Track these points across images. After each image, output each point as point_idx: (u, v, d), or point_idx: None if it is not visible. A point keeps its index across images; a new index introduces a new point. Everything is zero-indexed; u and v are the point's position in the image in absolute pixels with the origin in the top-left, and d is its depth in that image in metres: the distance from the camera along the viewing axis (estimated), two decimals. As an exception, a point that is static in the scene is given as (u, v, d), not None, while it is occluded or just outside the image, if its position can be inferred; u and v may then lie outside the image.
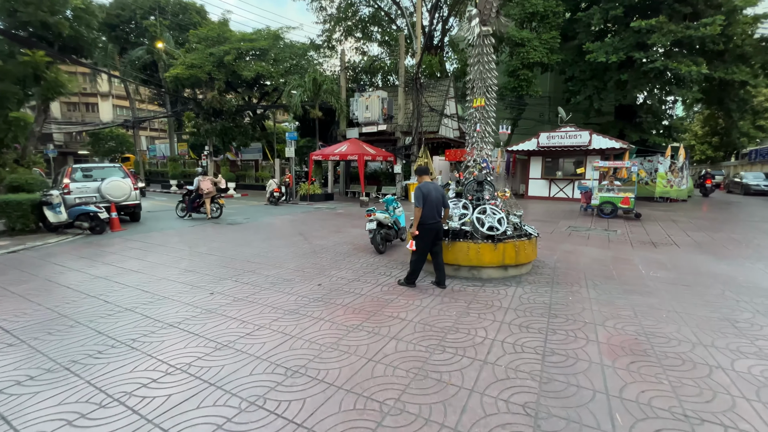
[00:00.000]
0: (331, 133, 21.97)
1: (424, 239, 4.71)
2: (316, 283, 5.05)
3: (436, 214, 4.67)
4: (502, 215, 5.31)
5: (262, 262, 6.20)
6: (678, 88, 16.51)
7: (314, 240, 8.21)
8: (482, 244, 5.16)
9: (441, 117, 19.39)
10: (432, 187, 4.70)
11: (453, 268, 5.38)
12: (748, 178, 22.90)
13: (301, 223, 10.88)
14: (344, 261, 6.31)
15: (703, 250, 7.31)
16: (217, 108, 21.58)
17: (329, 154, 17.39)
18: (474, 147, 5.95)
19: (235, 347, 3.21)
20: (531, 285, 5.00)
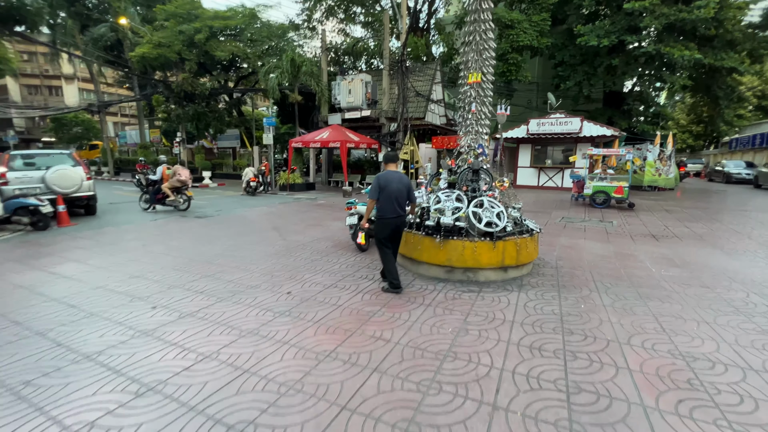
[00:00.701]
0: (312, 119, 20.85)
1: (381, 233, 4.24)
2: (285, 291, 4.27)
3: (397, 208, 4.15)
4: (501, 209, 4.61)
5: (225, 264, 5.35)
6: (669, 74, 16.12)
7: (290, 235, 7.38)
8: (479, 243, 4.46)
9: (427, 102, 18.56)
10: (394, 178, 4.18)
11: (445, 270, 4.68)
12: (730, 167, 23.03)
13: (278, 216, 9.99)
14: (321, 261, 5.53)
15: (707, 243, 6.86)
16: (189, 91, 20.09)
17: (309, 141, 16.38)
18: (468, 130, 5.20)
19: (163, 392, 2.41)
20: (535, 289, 4.35)
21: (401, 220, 4.24)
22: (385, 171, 4.28)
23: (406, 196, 4.22)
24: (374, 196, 4.17)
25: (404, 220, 4.29)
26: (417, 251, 4.79)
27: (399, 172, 4.31)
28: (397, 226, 4.24)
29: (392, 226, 4.19)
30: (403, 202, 4.20)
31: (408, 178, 4.40)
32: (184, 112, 20.34)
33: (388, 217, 4.16)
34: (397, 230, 4.29)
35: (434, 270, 4.74)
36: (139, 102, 26.69)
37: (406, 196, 4.23)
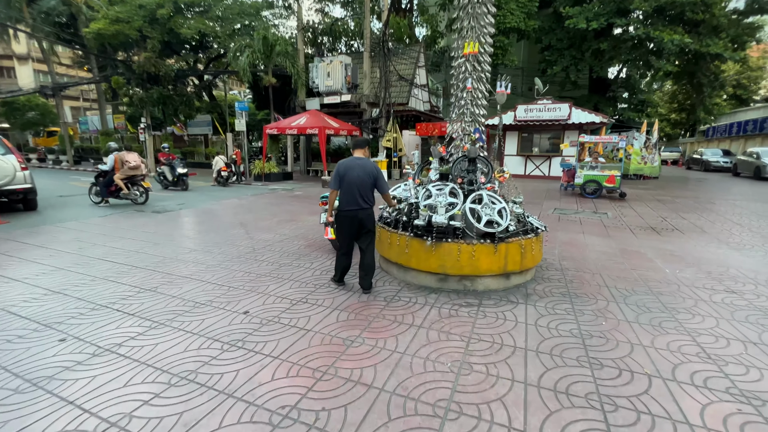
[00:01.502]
0: (288, 104, 19.60)
1: (340, 230, 3.82)
2: (242, 310, 3.44)
3: (358, 199, 3.69)
4: (503, 205, 3.89)
5: (173, 273, 4.45)
6: (656, 59, 15.76)
7: (258, 233, 6.49)
8: (478, 245, 3.74)
9: (411, 87, 17.64)
10: (357, 164, 3.74)
11: (438, 278, 3.95)
12: (708, 155, 23.26)
13: (248, 210, 9.02)
14: (291, 267, 4.70)
15: (711, 237, 6.40)
16: (152, 73, 18.43)
17: (285, 128, 15.25)
18: (463, 112, 4.42)
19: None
20: (544, 300, 3.68)
21: (365, 213, 3.73)
22: (348, 158, 3.82)
23: (371, 186, 3.74)
24: (334, 185, 3.74)
25: (369, 213, 3.76)
26: (404, 256, 4.03)
27: (364, 159, 3.83)
28: (360, 220, 3.72)
29: (352, 220, 3.70)
30: (366, 192, 3.72)
31: (374, 165, 3.80)
32: (148, 96, 18.69)
33: (347, 210, 3.70)
34: (361, 225, 3.74)
35: (425, 278, 4.01)
36: (99, 85, 24.58)
37: (371, 187, 3.75)
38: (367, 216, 3.75)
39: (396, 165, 16.42)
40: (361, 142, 3.95)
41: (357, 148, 3.91)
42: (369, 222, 3.80)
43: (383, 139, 15.94)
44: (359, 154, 3.88)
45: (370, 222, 3.82)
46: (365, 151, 3.94)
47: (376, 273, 4.45)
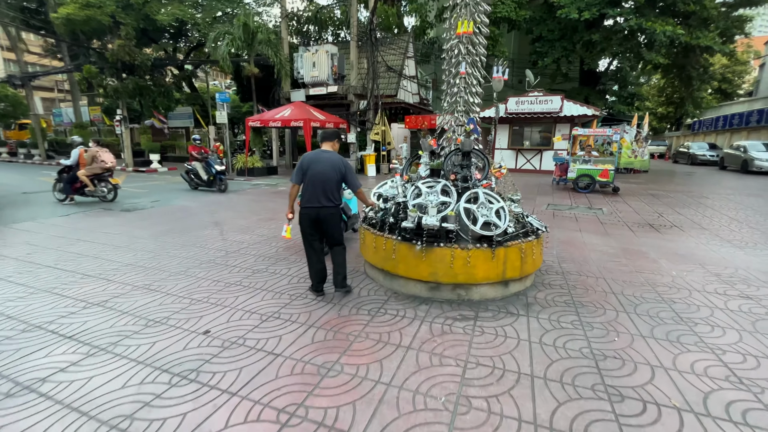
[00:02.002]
0: (273, 96, 18.84)
1: (302, 229, 3.49)
2: (202, 330, 2.96)
3: (321, 196, 3.37)
4: (501, 204, 3.47)
5: (132, 281, 3.93)
6: (648, 51, 15.55)
7: (233, 234, 5.96)
8: (474, 251, 3.31)
9: (399, 78, 17.12)
10: (321, 158, 3.43)
11: (429, 287, 3.52)
12: (694, 149, 23.37)
13: (226, 207, 8.45)
14: (266, 274, 4.22)
15: (712, 234, 6.14)
16: (127, 61, 17.44)
17: (269, 120, 14.58)
18: (456, 100, 3.97)
19: None
20: (547, 311, 3.29)
21: (327, 212, 3.40)
22: (314, 150, 3.52)
23: (337, 183, 3.42)
24: (295, 179, 3.44)
25: (331, 213, 3.43)
26: (391, 262, 3.59)
27: (331, 153, 3.50)
28: (321, 220, 3.41)
29: (312, 218, 3.40)
30: (331, 190, 3.39)
31: (343, 160, 3.44)
32: (123, 86, 17.72)
33: (307, 207, 3.38)
34: (323, 224, 3.43)
35: (414, 286, 3.57)
36: (72, 75, 23.32)
37: (337, 184, 3.42)
38: (329, 215, 3.39)
39: (385, 159, 15.93)
40: (330, 134, 3.56)
41: (325, 141, 3.53)
42: (332, 222, 3.43)
43: (371, 132, 15.42)
44: (327, 147, 3.53)
45: (334, 223, 3.45)
46: (334, 144, 3.56)
47: (360, 280, 4.01)
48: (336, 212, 3.45)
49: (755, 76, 34.43)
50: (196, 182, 11.11)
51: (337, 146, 3.58)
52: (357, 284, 3.90)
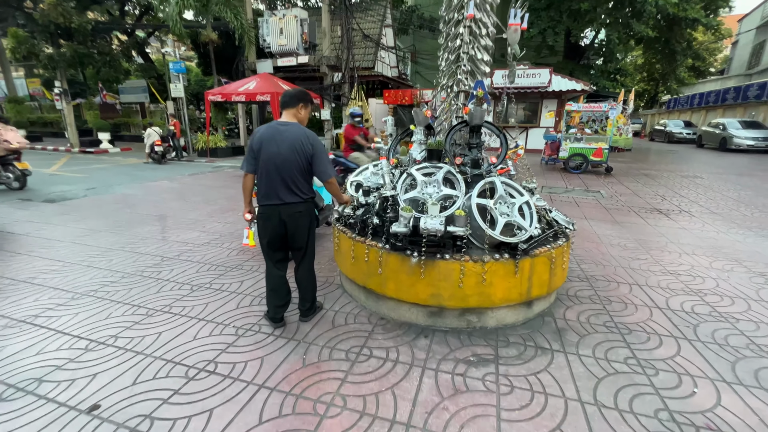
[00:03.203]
0: (236, 67, 17.00)
1: (260, 232, 2.52)
2: (88, 402, 1.92)
3: (280, 189, 2.40)
4: (526, 198, 2.54)
5: (7, 314, 2.79)
6: (636, 22, 14.81)
7: (179, 231, 4.81)
8: (492, 264, 2.39)
9: (377, 48, 15.71)
10: (280, 134, 2.38)
11: (429, 312, 2.60)
12: (671, 126, 23.40)
13: (178, 195, 7.18)
14: (208, 292, 3.17)
15: (727, 220, 5.57)
16: (62, 24, 15.08)
17: (231, 94, 12.97)
18: (460, 57, 2.94)
19: None
20: (588, 343, 2.45)
21: (291, 211, 2.42)
22: (270, 123, 2.45)
23: (302, 168, 2.39)
24: (246, 166, 2.45)
25: (299, 212, 2.44)
26: (376, 278, 2.63)
27: (294, 125, 2.42)
28: (283, 222, 2.42)
29: (272, 221, 2.42)
30: (294, 178, 2.39)
31: (310, 136, 2.43)
32: (59, 54, 15.41)
33: (265, 205, 2.43)
34: (287, 229, 2.45)
35: (408, 311, 2.64)
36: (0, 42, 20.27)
37: (302, 169, 2.40)
38: (293, 216, 2.41)
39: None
40: (292, 96, 2.46)
41: (286, 108, 2.46)
42: (299, 225, 2.45)
43: (347, 108, 14.11)
44: (288, 117, 2.46)
45: (301, 225, 2.47)
46: (299, 111, 2.47)
47: (336, 297, 3.04)
48: (304, 211, 2.46)
49: (726, 54, 34.87)
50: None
51: (305, 114, 2.51)
52: (330, 304, 2.93)
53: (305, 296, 2.64)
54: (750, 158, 14.03)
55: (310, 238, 2.57)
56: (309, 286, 2.65)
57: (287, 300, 2.64)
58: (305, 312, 2.66)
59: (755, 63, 24.79)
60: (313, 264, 2.67)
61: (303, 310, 2.66)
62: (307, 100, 2.49)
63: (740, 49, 28.02)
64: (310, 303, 2.67)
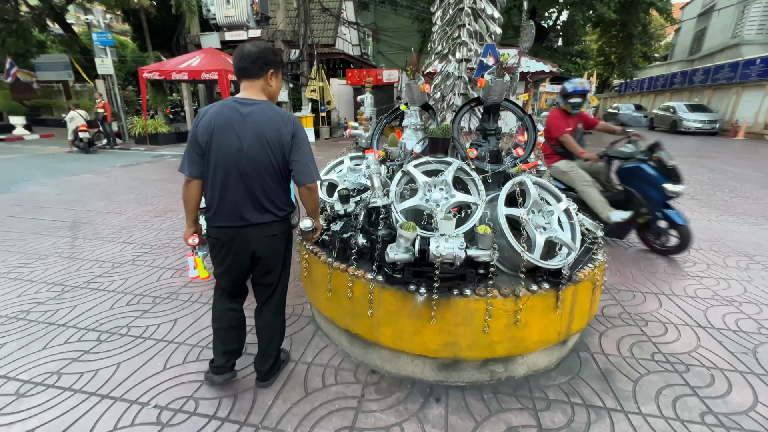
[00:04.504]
0: (177, 41, 15.02)
1: (215, 263, 1.74)
2: None
3: (245, 203, 1.59)
4: (567, 204, 1.88)
5: None
6: (600, 3, 14.75)
7: (95, 244, 3.73)
8: (528, 298, 1.72)
9: (337, 23, 14.46)
10: (242, 116, 1.54)
11: (438, 365, 1.89)
12: (624, 110, 24.31)
13: (102, 193, 5.90)
14: (121, 341, 2.25)
15: (711, 206, 5.41)
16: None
17: (171, 71, 11.30)
18: (463, 14, 2.17)
19: None
20: (645, 392, 1.87)
21: (263, 235, 1.66)
22: (223, 101, 1.58)
23: (275, 170, 1.61)
24: (189, 168, 1.60)
25: (273, 235, 1.68)
26: (365, 322, 1.88)
27: (264, 105, 1.58)
28: (251, 251, 1.67)
29: (235, 249, 1.66)
30: (266, 187, 1.61)
31: (288, 121, 1.58)
32: (-53, 19, 12.67)
33: (219, 227, 1.64)
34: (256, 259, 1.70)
35: (410, 363, 1.92)
36: None
37: (275, 172, 1.61)
38: (267, 241, 1.67)
39: (325, 122, 13.62)
40: (256, 59, 1.57)
41: (248, 76, 1.59)
42: (274, 253, 1.72)
43: (307, 89, 12.90)
44: (253, 91, 1.61)
45: (277, 253, 1.74)
46: (268, 82, 1.63)
47: (307, 339, 2.25)
48: (280, 234, 1.70)
49: (669, 41, 36.83)
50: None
51: (277, 86, 1.67)
52: (300, 352, 2.14)
53: (267, 350, 1.84)
54: (699, 140, 14.66)
55: (285, 271, 1.81)
56: (276, 335, 1.87)
57: (242, 343, 1.89)
58: (266, 374, 1.86)
59: (696, 49, 26.17)
60: (284, 305, 1.90)
61: (263, 371, 1.85)
62: (278, 63, 1.64)
63: (683, 35, 29.50)
64: (274, 359, 1.87)
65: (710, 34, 23.99)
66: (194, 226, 1.75)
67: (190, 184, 1.61)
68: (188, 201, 1.66)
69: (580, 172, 3.54)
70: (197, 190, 1.63)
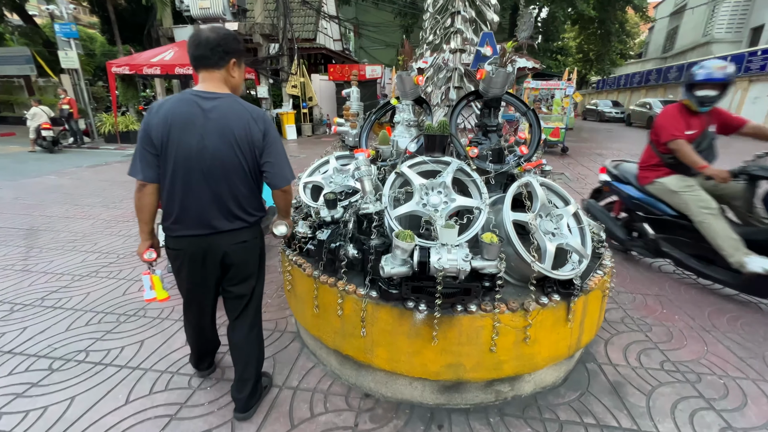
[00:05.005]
0: (148, 34, 14.33)
1: (179, 278, 1.55)
2: None
3: (210, 209, 1.40)
4: (575, 207, 1.72)
5: None
6: (579, 0, 14.88)
7: (53, 254, 3.38)
8: (539, 312, 1.55)
9: (318, 17, 14.08)
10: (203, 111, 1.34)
11: (439, 387, 1.71)
12: (602, 106, 24.83)
13: (65, 197, 5.46)
14: (82, 367, 1.98)
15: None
16: None
17: (143, 65, 10.74)
18: None
19: None
20: (661, 406, 1.75)
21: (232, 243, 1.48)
22: (178, 95, 1.37)
23: (246, 174, 1.43)
24: (143, 172, 1.38)
25: (243, 242, 1.50)
26: (357, 342, 1.67)
27: (228, 99, 1.39)
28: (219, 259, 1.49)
29: (200, 260, 1.47)
30: (235, 190, 1.43)
31: (257, 117, 1.40)
32: None
33: (182, 237, 1.45)
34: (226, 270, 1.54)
35: (410, 385, 1.73)
36: None
37: (246, 176, 1.44)
38: (238, 249, 1.51)
39: (307, 118, 13.25)
40: (215, 47, 1.37)
41: (206, 67, 1.40)
42: (246, 262, 1.56)
43: (287, 85, 12.51)
44: (213, 84, 1.41)
45: (250, 263, 1.58)
46: (230, 73, 1.45)
47: (292, 358, 2.03)
48: (251, 240, 1.53)
49: (643, 39, 37.89)
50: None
51: (240, 77, 1.49)
52: (285, 374, 1.92)
53: (244, 374, 1.63)
54: (676, 136, 15.04)
55: (259, 281, 1.64)
56: (252, 355, 1.66)
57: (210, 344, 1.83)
58: (245, 403, 1.63)
59: (669, 47, 26.97)
60: (260, 319, 1.71)
61: (241, 399, 1.63)
62: (241, 52, 1.45)
63: (656, 33, 30.36)
64: (253, 383, 1.65)
65: (682, 33, 24.74)
66: (150, 238, 1.55)
67: (144, 190, 1.41)
68: (142, 209, 1.45)
69: (701, 193, 2.54)
70: (153, 196, 1.43)
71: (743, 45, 18.13)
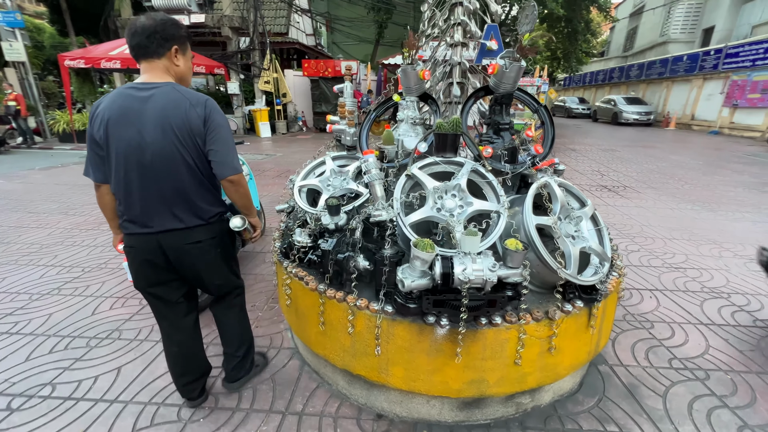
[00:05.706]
0: (105, 25, 13.35)
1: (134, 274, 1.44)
2: None
3: (153, 205, 1.32)
4: (592, 210, 1.66)
5: None
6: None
7: (3, 270, 3.00)
8: (563, 320, 1.47)
9: (290, 10, 13.62)
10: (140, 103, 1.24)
11: (459, 404, 1.60)
12: (569, 103, 25.74)
13: (15, 203, 4.94)
14: (40, 408, 1.71)
15: (668, 195, 5.68)
16: None
17: (100, 59, 9.94)
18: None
19: None
20: (677, 406, 1.72)
21: (182, 243, 1.38)
22: (118, 90, 1.26)
23: (192, 165, 1.32)
24: (94, 173, 1.34)
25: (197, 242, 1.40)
26: (370, 361, 1.53)
27: (166, 88, 1.27)
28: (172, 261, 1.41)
29: (151, 258, 1.38)
30: (180, 185, 1.32)
31: (198, 103, 1.28)
32: None
33: (135, 235, 1.37)
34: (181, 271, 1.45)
35: (427, 404, 1.61)
36: None
37: (193, 168, 1.33)
38: (190, 250, 1.41)
39: (281, 115, 12.82)
40: (152, 34, 1.26)
41: (145, 56, 1.29)
42: (206, 264, 1.47)
43: (260, 81, 12.04)
44: (153, 73, 1.30)
45: (211, 264, 1.48)
46: (173, 61, 1.34)
47: (293, 376, 1.86)
48: (207, 240, 1.45)
49: (604, 38, 39.62)
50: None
51: (185, 65, 1.39)
52: (287, 397, 1.75)
53: (228, 349, 1.72)
54: (638, 131, 15.80)
55: (230, 279, 1.59)
56: (234, 330, 1.72)
57: (206, 369, 1.67)
58: (231, 374, 1.72)
59: (629, 46, 28.24)
60: (243, 301, 1.72)
61: (228, 369, 1.72)
62: (182, 38, 1.34)
63: (617, 33, 31.71)
64: (239, 360, 1.71)
65: (641, 33, 25.97)
66: (120, 231, 1.46)
67: (100, 190, 1.40)
68: (104, 208, 1.46)
69: None
70: (109, 195, 1.39)
71: (696, 45, 19.25)
